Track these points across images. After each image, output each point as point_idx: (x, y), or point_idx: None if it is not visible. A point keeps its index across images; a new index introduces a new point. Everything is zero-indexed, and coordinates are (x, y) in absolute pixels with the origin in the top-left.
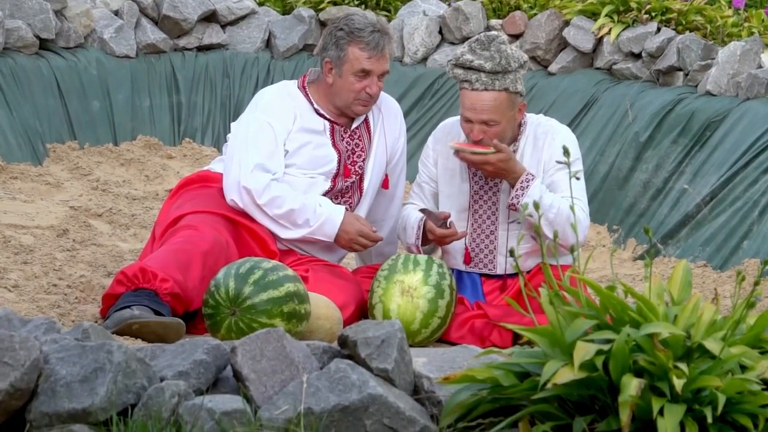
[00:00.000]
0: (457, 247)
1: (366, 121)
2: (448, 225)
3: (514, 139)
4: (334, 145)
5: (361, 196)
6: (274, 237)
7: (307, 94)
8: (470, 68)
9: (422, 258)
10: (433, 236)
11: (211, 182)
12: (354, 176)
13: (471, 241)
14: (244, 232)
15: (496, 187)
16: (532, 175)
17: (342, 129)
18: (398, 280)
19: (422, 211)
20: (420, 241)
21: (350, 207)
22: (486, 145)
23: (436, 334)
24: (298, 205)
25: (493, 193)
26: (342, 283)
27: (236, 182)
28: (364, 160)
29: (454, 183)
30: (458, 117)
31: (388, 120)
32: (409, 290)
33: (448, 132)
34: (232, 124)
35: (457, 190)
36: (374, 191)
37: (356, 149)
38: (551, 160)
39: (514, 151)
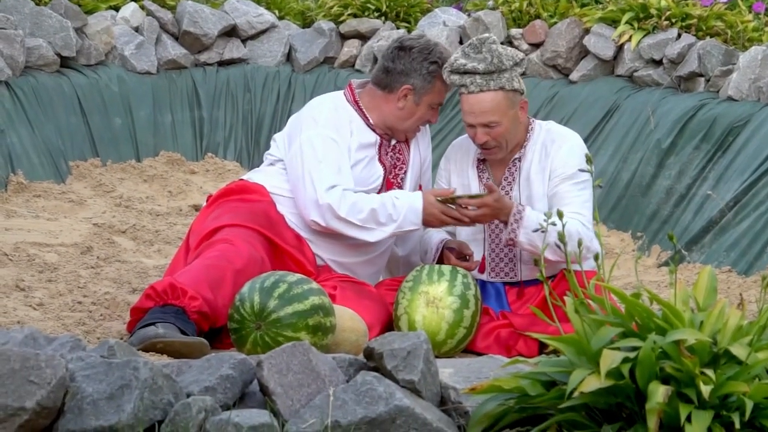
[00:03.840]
0: (477, 258)
1: None
2: (467, 259)
3: (521, 145)
4: (380, 159)
5: None
6: (310, 258)
7: (360, 108)
8: (465, 72)
9: (447, 268)
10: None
11: (249, 193)
12: (395, 189)
13: (491, 251)
14: (280, 251)
15: (508, 195)
16: (522, 206)
17: (387, 144)
18: (423, 291)
19: (446, 243)
20: (436, 262)
21: None
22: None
23: (462, 344)
24: (377, 204)
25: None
26: (368, 303)
27: (314, 201)
28: (405, 172)
29: None
30: (466, 135)
31: (420, 137)
32: (435, 301)
33: (458, 149)
34: (278, 136)
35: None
36: None
37: (398, 163)
38: (556, 170)
39: (520, 159)
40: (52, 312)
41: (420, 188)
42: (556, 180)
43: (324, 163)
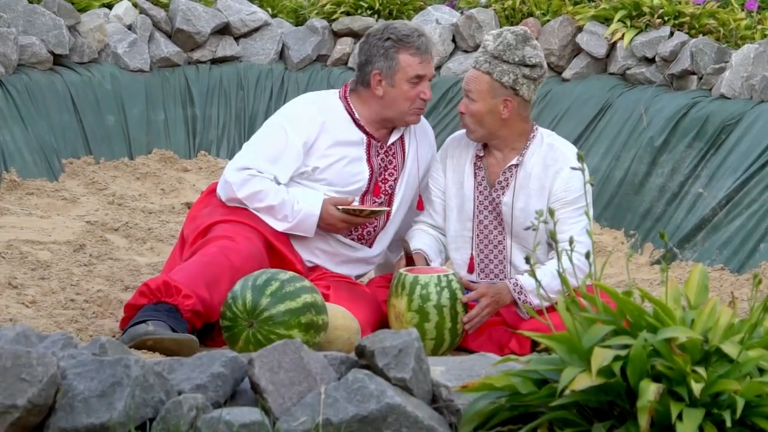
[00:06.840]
0: (464, 257)
1: (401, 138)
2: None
3: (519, 151)
4: (368, 160)
5: (387, 218)
6: (300, 258)
7: (349, 105)
8: (482, 47)
9: (408, 279)
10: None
11: None
12: (383, 196)
13: (479, 251)
14: (274, 250)
15: (498, 199)
16: (513, 278)
17: (378, 144)
18: (393, 304)
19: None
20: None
21: (374, 229)
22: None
23: (437, 352)
24: (278, 201)
25: (496, 205)
26: (361, 303)
27: (224, 175)
28: (395, 179)
29: (460, 194)
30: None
31: (421, 141)
32: (399, 316)
33: (458, 145)
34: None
35: (462, 201)
36: (403, 214)
37: (389, 167)
38: (557, 193)
39: (517, 165)
40: (44, 310)
41: (420, 199)
42: (557, 204)
43: (255, 145)
